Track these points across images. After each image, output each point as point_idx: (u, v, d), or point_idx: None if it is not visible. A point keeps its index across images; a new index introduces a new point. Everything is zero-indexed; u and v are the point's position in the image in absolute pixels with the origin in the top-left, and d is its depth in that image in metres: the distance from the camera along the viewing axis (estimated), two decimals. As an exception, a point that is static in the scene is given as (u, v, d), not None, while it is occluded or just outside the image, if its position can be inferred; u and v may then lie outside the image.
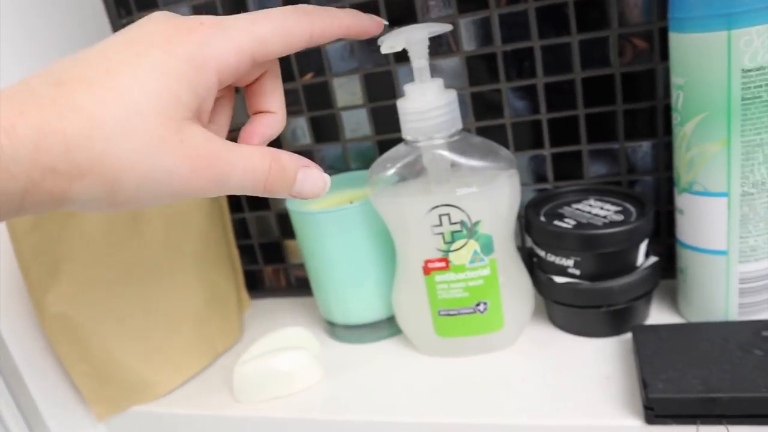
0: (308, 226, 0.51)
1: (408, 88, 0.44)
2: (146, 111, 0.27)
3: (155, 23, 0.29)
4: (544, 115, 0.53)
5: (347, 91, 0.57)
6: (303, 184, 0.31)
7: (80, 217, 0.48)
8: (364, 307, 0.53)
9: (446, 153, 0.44)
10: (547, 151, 0.54)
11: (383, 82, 0.56)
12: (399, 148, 0.46)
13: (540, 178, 0.55)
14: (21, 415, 0.51)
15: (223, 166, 0.29)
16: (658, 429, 0.39)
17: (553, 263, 0.48)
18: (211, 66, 0.29)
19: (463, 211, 0.44)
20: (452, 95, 0.44)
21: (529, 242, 0.51)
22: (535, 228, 0.48)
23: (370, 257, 0.51)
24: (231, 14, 0.30)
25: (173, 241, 0.53)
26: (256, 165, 0.30)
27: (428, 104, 0.43)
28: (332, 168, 0.61)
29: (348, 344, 0.55)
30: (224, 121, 0.34)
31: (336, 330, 0.56)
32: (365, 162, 0.59)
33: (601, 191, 0.51)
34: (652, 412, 0.39)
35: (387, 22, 0.36)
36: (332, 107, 0.58)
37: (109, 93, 0.26)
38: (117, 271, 0.50)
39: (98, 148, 0.26)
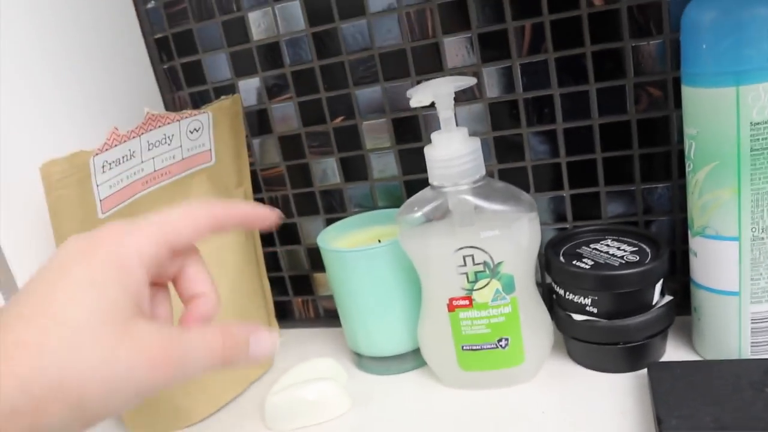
0: (338, 263, 0.54)
1: (435, 137, 0.47)
2: (90, 324, 0.27)
3: (68, 244, 0.30)
4: (563, 159, 0.56)
5: (376, 134, 0.60)
6: (256, 349, 0.32)
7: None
8: (389, 340, 0.56)
9: (470, 198, 0.47)
10: (566, 193, 0.57)
11: (410, 126, 0.59)
12: (426, 192, 0.49)
13: (559, 217, 0.58)
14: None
15: (179, 352, 0.29)
16: (671, 464, 0.41)
17: (571, 301, 0.50)
18: (134, 261, 0.30)
19: (486, 252, 0.47)
20: (476, 143, 0.47)
21: (549, 279, 0.53)
22: (554, 268, 0.51)
23: (396, 293, 0.54)
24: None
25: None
26: (209, 342, 0.31)
27: (454, 152, 0.46)
28: (360, 206, 0.64)
29: (374, 375, 0.58)
30: (167, 312, 0.35)
31: (363, 361, 0.58)
32: (392, 200, 0.62)
33: (618, 231, 0.54)
34: (667, 448, 0.41)
35: (283, 216, 0.37)
36: (361, 149, 0.61)
37: (50, 320, 0.27)
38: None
39: (54, 375, 0.26)
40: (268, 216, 0.36)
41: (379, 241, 0.54)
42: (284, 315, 0.71)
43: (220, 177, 0.59)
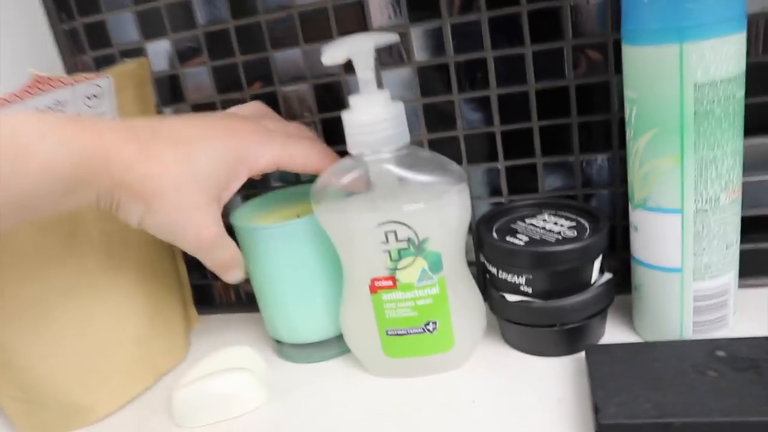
0: (253, 242, 0.49)
1: (353, 100, 0.42)
2: (197, 181, 0.40)
3: (244, 110, 0.50)
4: (497, 127, 0.52)
5: (296, 102, 0.55)
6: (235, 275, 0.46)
7: (13, 237, 0.46)
8: (311, 326, 0.51)
9: (393, 167, 0.42)
10: (501, 164, 0.53)
11: (333, 92, 0.54)
12: (345, 162, 0.44)
13: (494, 191, 0.54)
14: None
15: (216, 245, 0.43)
16: (609, 456, 0.38)
17: (505, 281, 0.46)
18: (247, 166, 0.43)
19: (410, 228, 0.42)
20: (399, 108, 0.42)
21: (482, 258, 0.49)
22: (486, 245, 0.47)
23: (317, 274, 0.49)
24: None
25: (113, 258, 0.51)
26: (228, 257, 0.45)
27: (374, 117, 0.41)
28: (282, 180, 0.59)
29: (296, 364, 0.53)
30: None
31: (283, 349, 0.54)
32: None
33: (556, 205, 0.50)
34: (604, 439, 0.37)
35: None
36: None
37: (180, 155, 0.40)
38: (50, 290, 0.48)
39: (156, 187, 0.39)
40: None
41: (298, 216, 0.49)
42: (203, 300, 0.66)
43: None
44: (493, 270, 0.47)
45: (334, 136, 0.55)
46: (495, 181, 0.53)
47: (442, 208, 0.43)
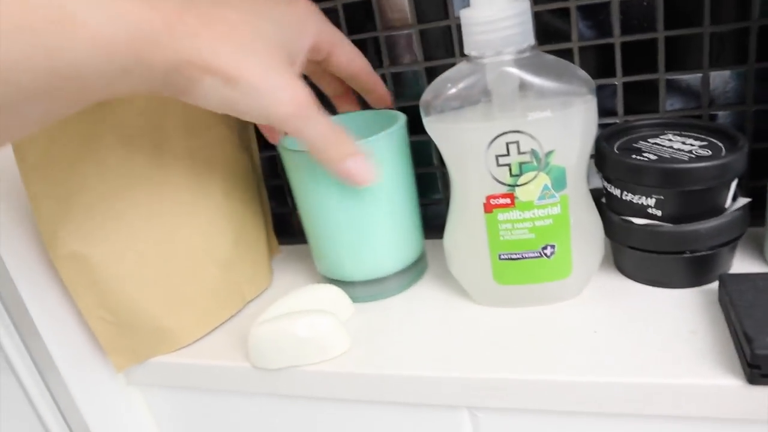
0: (311, 167, 0.44)
1: (474, -5, 0.38)
2: (270, 40, 0.36)
3: None
4: (617, 38, 0.47)
5: (392, 10, 0.51)
6: (350, 167, 0.40)
7: (97, 144, 0.43)
8: (382, 260, 0.48)
9: (516, 71, 0.38)
10: (618, 80, 0.48)
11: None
12: (460, 67, 0.40)
13: (608, 111, 0.49)
14: (33, 364, 0.46)
15: (315, 110, 0.37)
16: (763, 390, 0.34)
17: (630, 203, 0.42)
18: (311, 30, 0.41)
19: (534, 138, 0.38)
20: (525, 4, 0.38)
21: (596, 181, 0.45)
22: (609, 162, 0.42)
23: (388, 199, 0.46)
24: None
25: (198, 174, 0.48)
26: (336, 131, 0.39)
27: (498, 13, 0.37)
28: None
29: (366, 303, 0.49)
30: None
31: (347, 288, 0.49)
32: (411, 92, 0.53)
33: (682, 125, 0.45)
34: (759, 371, 0.33)
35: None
36: (375, 30, 0.52)
37: (245, 17, 0.36)
38: (137, 206, 0.45)
39: (230, 53, 0.34)
40: (387, 98, 0.49)
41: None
42: (283, 229, 0.63)
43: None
44: (615, 191, 0.43)
45: (435, 49, 0.51)
46: (610, 100, 0.49)
47: (569, 117, 0.38)
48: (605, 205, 0.45)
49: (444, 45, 0.50)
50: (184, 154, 0.47)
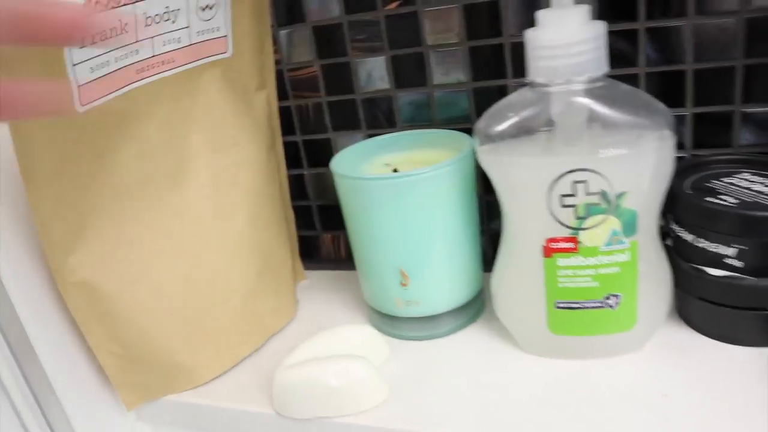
0: (364, 194, 0.41)
1: (543, 15, 0.34)
2: None
3: None
4: (689, 65, 0.42)
5: (440, 25, 0.47)
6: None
7: (112, 164, 0.39)
8: (439, 295, 0.44)
9: (587, 101, 0.34)
10: (689, 111, 0.44)
11: (487, 14, 0.45)
12: (524, 93, 0.36)
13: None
14: (36, 402, 0.42)
15: None
16: None
17: (704, 250, 0.38)
18: None
19: (606, 178, 0.34)
20: (600, 27, 0.34)
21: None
22: (681, 203, 0.38)
23: (443, 231, 0.42)
24: None
25: (222, 198, 0.44)
26: None
27: (570, 36, 0.33)
28: (413, 121, 0.50)
29: (411, 342, 0.45)
30: None
31: (394, 323, 0.45)
32: (455, 114, 0.49)
33: (761, 163, 0.41)
34: None
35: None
36: (420, 44, 0.48)
37: None
38: (154, 232, 0.41)
39: None
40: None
41: (395, 171, 0.41)
42: (310, 253, 0.58)
43: (238, 75, 0.45)
44: (687, 237, 0.38)
45: (485, 69, 0.47)
46: (678, 131, 0.44)
47: (644, 155, 0.34)
48: (672, 249, 0.40)
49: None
50: (208, 173, 0.43)
